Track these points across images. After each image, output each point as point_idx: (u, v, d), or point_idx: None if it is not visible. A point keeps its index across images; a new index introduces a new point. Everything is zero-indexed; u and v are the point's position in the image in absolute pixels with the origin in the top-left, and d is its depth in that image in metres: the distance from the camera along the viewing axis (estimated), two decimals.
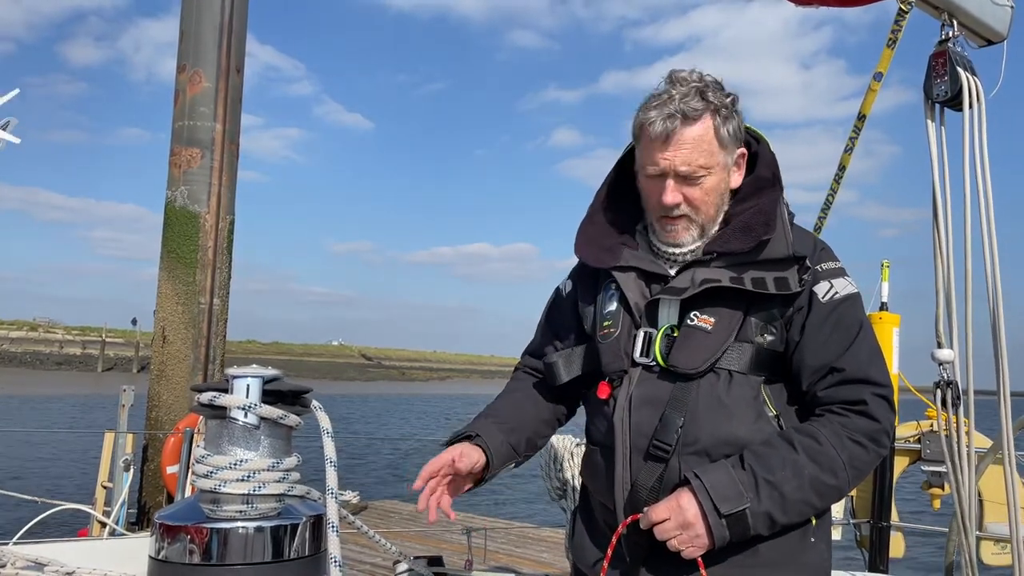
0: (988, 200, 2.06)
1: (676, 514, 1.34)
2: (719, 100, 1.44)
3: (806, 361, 1.43)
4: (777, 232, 1.44)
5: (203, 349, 6.28)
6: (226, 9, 6.39)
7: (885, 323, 4.16)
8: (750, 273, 1.42)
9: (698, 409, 1.40)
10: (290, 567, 1.01)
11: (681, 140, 1.42)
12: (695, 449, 1.40)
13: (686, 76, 1.46)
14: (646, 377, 1.46)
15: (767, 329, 1.43)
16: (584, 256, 1.59)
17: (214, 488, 0.99)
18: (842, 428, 1.38)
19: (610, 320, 1.51)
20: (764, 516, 1.34)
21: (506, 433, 1.58)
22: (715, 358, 1.41)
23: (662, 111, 1.42)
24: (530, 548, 6.32)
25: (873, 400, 1.39)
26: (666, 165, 1.43)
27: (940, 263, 2.09)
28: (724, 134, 1.44)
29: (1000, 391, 2.05)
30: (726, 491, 1.33)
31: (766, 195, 1.49)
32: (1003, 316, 2.05)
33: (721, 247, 1.46)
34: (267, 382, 1.04)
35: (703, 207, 1.46)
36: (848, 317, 1.44)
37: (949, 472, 2.09)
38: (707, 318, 1.42)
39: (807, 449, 1.36)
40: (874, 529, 4.18)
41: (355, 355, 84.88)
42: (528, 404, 1.67)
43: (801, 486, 1.35)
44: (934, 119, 2.15)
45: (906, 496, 6.88)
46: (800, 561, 1.43)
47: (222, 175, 6.40)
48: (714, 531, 1.32)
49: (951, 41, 2.15)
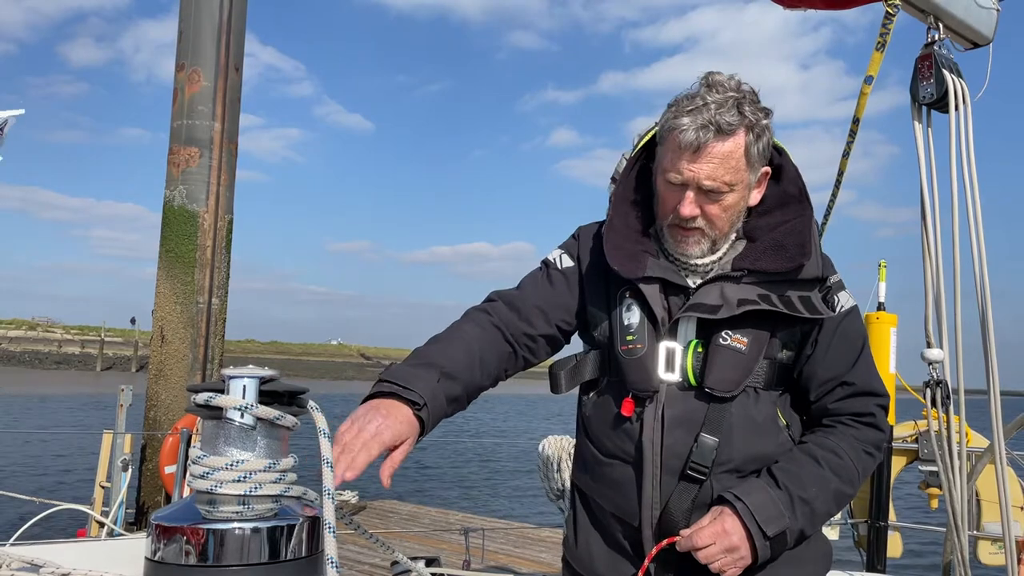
0: (975, 201, 2.08)
1: (722, 539, 1.34)
2: (755, 116, 1.37)
3: (817, 373, 1.45)
4: (812, 257, 1.42)
5: (201, 349, 6.28)
6: (225, 8, 6.38)
7: (882, 323, 4.16)
8: (780, 294, 1.40)
9: (732, 430, 1.40)
10: (287, 568, 1.01)
11: (711, 154, 1.35)
12: (728, 468, 1.41)
13: (723, 82, 1.37)
14: (676, 395, 1.42)
15: (788, 346, 1.44)
16: (621, 268, 1.45)
17: (210, 489, 0.99)
18: (856, 441, 1.44)
19: (635, 336, 1.44)
20: (798, 532, 1.39)
21: (451, 403, 1.36)
22: (748, 379, 1.41)
23: (696, 119, 1.33)
24: (529, 548, 6.32)
25: (879, 411, 1.46)
26: (690, 176, 1.36)
27: (928, 263, 2.11)
28: (754, 152, 1.38)
29: (990, 390, 2.07)
30: (769, 513, 1.35)
31: (793, 211, 1.45)
32: (991, 315, 2.07)
33: (752, 264, 1.42)
34: (263, 382, 1.03)
35: (718, 223, 1.41)
36: (852, 330, 1.48)
37: (940, 471, 2.11)
38: (740, 338, 1.40)
39: (830, 464, 1.41)
40: (872, 529, 4.19)
41: (354, 354, 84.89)
42: (481, 364, 1.43)
43: (827, 500, 1.40)
44: (921, 121, 2.17)
45: (905, 496, 6.89)
46: (815, 552, 1.49)
47: (220, 174, 6.40)
48: (759, 552, 1.34)
49: (937, 44, 2.17)
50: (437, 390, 1.32)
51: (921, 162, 2.13)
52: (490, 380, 1.46)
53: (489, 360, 1.45)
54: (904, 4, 2.15)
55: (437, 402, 1.31)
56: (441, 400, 1.33)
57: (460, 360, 1.39)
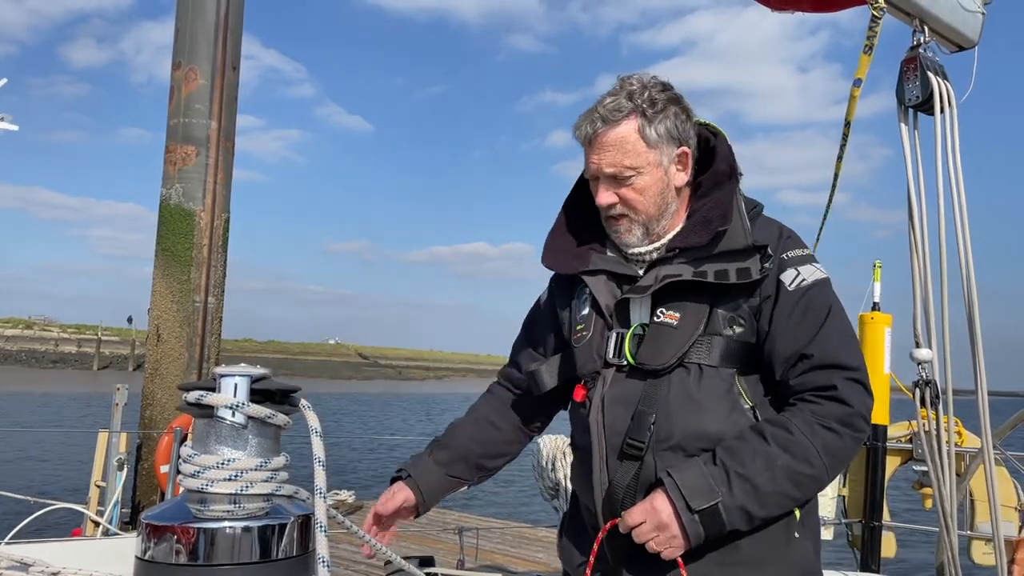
0: (961, 201, 2.10)
1: (651, 516, 1.34)
2: (646, 102, 1.45)
3: (777, 350, 1.43)
4: (734, 223, 1.45)
5: (198, 348, 6.27)
6: (222, 6, 6.37)
7: (877, 323, 4.17)
8: (712, 266, 1.43)
9: (669, 405, 1.41)
10: (278, 567, 1.01)
11: (604, 143, 1.46)
12: (669, 445, 1.41)
13: (629, 81, 1.49)
14: (618, 377, 1.47)
15: (735, 320, 1.43)
16: (551, 265, 1.62)
17: (201, 488, 0.99)
18: (812, 416, 1.37)
19: (583, 324, 1.53)
20: (739, 510, 1.33)
21: (446, 465, 1.68)
22: (682, 352, 1.41)
23: (588, 116, 1.48)
24: (525, 548, 6.32)
25: (844, 384, 1.38)
26: (594, 168, 1.49)
27: (916, 264, 2.12)
28: (651, 134, 1.46)
29: (977, 389, 2.08)
30: (697, 487, 1.33)
31: (723, 188, 1.50)
32: (979, 315, 2.08)
33: (681, 242, 1.48)
34: (255, 381, 1.03)
35: (640, 206, 1.48)
36: (816, 303, 1.43)
37: (930, 469, 2.12)
38: (672, 313, 1.44)
39: (778, 439, 1.35)
40: (866, 529, 4.19)
41: (352, 354, 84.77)
42: (489, 426, 1.71)
43: (774, 477, 1.34)
44: (907, 123, 2.19)
45: (899, 496, 6.91)
46: (783, 557, 1.42)
47: (217, 173, 6.38)
48: (688, 529, 1.32)
49: (922, 46, 2.18)
50: (427, 463, 1.69)
51: (907, 164, 2.15)
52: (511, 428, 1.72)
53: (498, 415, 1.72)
54: (889, 7, 2.16)
55: (425, 473, 1.68)
56: (430, 468, 1.68)
57: (459, 430, 1.72)
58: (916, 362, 2.14)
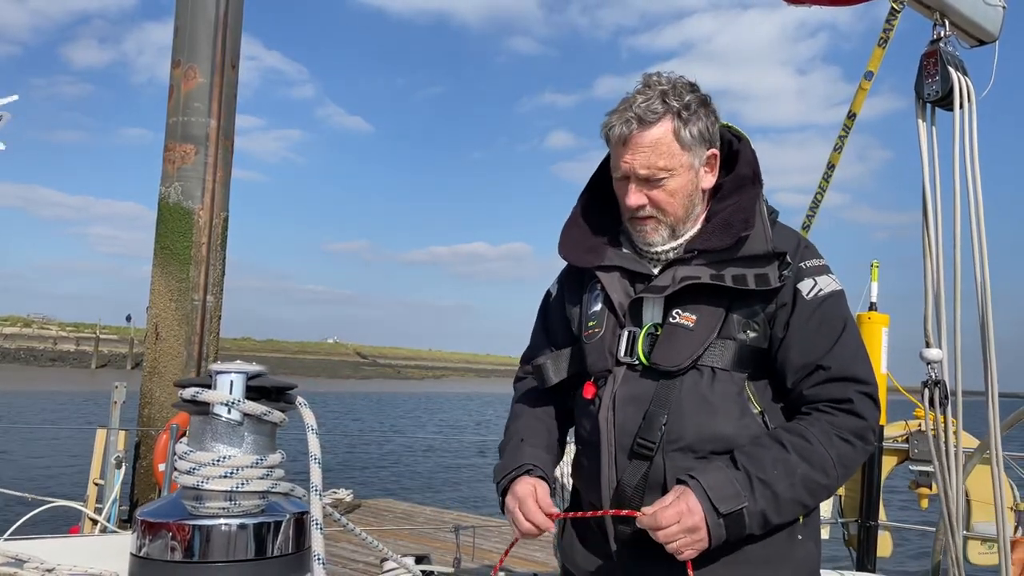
0: (978, 200, 2.06)
1: (686, 518, 1.32)
2: (680, 102, 1.44)
3: (791, 359, 1.43)
4: (756, 229, 1.45)
5: (196, 346, 6.27)
6: (221, 4, 6.36)
7: (874, 323, 4.17)
8: (730, 270, 1.43)
9: (682, 406, 1.41)
10: (273, 564, 1.01)
11: (639, 143, 1.44)
12: (679, 446, 1.41)
13: (656, 80, 1.48)
14: (630, 376, 1.46)
15: (749, 326, 1.43)
16: (568, 256, 1.61)
17: (196, 485, 0.99)
18: (830, 427, 1.39)
19: (595, 320, 1.52)
20: (759, 515, 1.35)
21: (548, 451, 1.61)
22: (697, 355, 1.41)
23: (622, 116, 1.45)
24: (523, 547, 6.32)
25: (859, 398, 1.40)
26: (627, 168, 1.46)
27: (929, 262, 2.09)
28: (686, 136, 1.45)
29: (988, 391, 2.06)
30: (724, 491, 1.33)
31: (746, 192, 1.50)
32: (992, 316, 2.05)
33: (701, 244, 1.48)
34: (251, 378, 1.04)
35: (669, 208, 1.47)
36: (832, 315, 1.45)
37: (936, 472, 2.10)
38: (689, 315, 1.43)
39: (797, 448, 1.37)
40: (862, 528, 4.21)
41: (350, 353, 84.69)
42: (548, 419, 1.66)
43: (793, 485, 1.35)
44: (925, 119, 2.14)
45: (895, 496, 6.91)
46: (787, 558, 1.44)
47: (216, 171, 6.38)
48: (712, 532, 1.33)
49: (942, 41, 2.15)
50: (540, 454, 1.59)
51: (924, 160, 2.10)
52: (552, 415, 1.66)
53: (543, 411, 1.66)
54: (910, 0, 2.14)
55: (545, 464, 1.58)
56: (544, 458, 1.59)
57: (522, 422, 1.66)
58: (926, 362, 2.10)
